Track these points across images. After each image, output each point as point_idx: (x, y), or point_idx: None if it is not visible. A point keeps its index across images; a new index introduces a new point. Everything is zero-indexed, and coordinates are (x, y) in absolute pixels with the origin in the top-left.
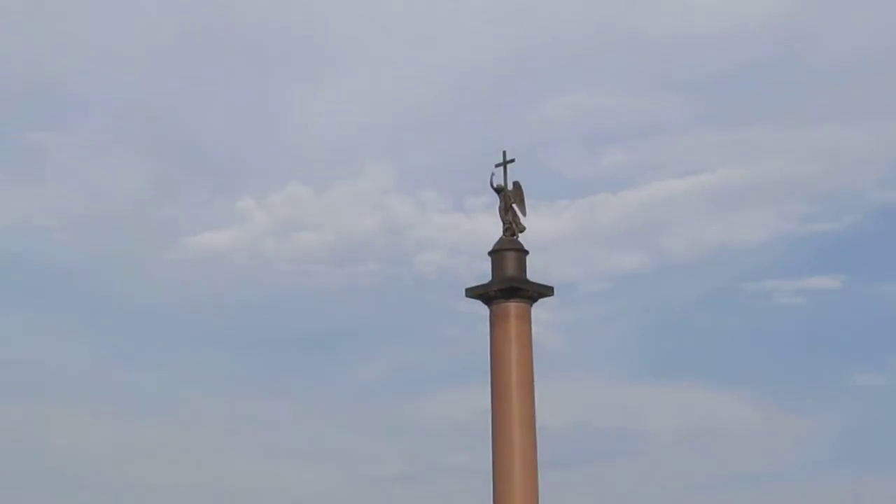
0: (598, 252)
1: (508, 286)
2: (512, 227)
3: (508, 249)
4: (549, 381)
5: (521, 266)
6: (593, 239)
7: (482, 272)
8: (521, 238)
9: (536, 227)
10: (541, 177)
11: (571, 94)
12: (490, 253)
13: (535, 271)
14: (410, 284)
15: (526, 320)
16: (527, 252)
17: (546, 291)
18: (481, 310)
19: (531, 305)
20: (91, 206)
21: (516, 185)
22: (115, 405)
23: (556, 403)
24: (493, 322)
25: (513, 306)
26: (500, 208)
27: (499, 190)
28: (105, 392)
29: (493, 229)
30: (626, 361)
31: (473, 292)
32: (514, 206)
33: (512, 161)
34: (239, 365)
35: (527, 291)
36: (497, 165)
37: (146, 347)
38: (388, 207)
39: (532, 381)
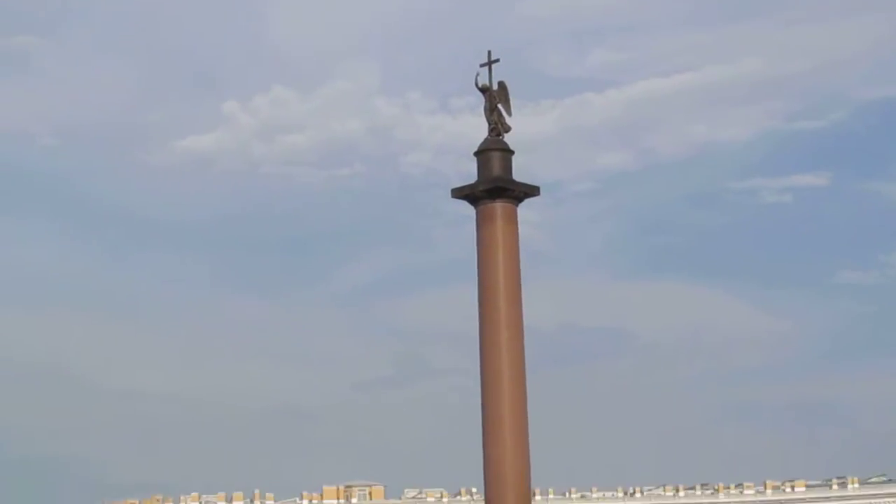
0: (584, 152)
1: (494, 186)
2: (497, 127)
3: (494, 150)
4: (536, 281)
5: (507, 166)
6: (579, 139)
7: (468, 173)
8: (507, 138)
9: (522, 127)
10: (526, 77)
11: None
12: (476, 153)
13: (522, 171)
14: (396, 186)
15: (512, 220)
16: (512, 152)
17: (532, 191)
18: (468, 210)
19: (517, 205)
20: (77, 111)
21: (501, 85)
22: (100, 307)
23: (543, 304)
24: (480, 223)
25: (499, 206)
26: (485, 108)
27: (484, 90)
28: (90, 294)
29: (479, 130)
30: (613, 261)
31: (459, 193)
32: (500, 106)
33: (496, 61)
34: (224, 267)
35: (513, 191)
36: (482, 65)
37: (131, 250)
38: (374, 109)
39: (519, 282)
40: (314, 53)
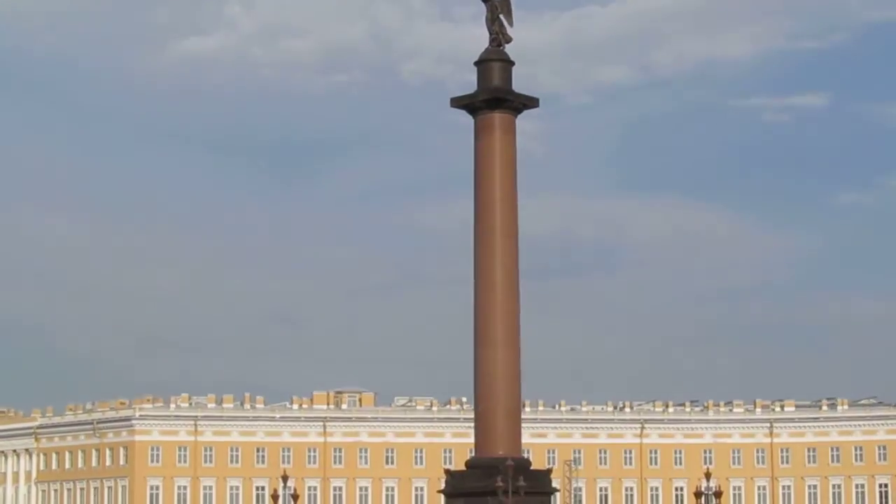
0: (584, 65)
1: (493, 96)
2: (498, 37)
3: (494, 60)
4: (532, 192)
5: (507, 77)
6: (579, 51)
7: (468, 83)
8: (508, 49)
9: (523, 38)
10: None
11: None
12: (476, 63)
13: (521, 83)
14: (396, 93)
15: (510, 132)
16: (512, 63)
17: (531, 103)
18: (466, 120)
19: (516, 116)
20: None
21: None
22: (96, 206)
23: (538, 214)
24: (478, 133)
25: (497, 117)
26: (486, 18)
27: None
28: (86, 193)
29: (480, 40)
30: (609, 174)
31: (459, 102)
32: (501, 16)
33: None
34: (222, 171)
35: (512, 102)
36: None
37: (128, 149)
38: (375, 15)
39: (515, 193)
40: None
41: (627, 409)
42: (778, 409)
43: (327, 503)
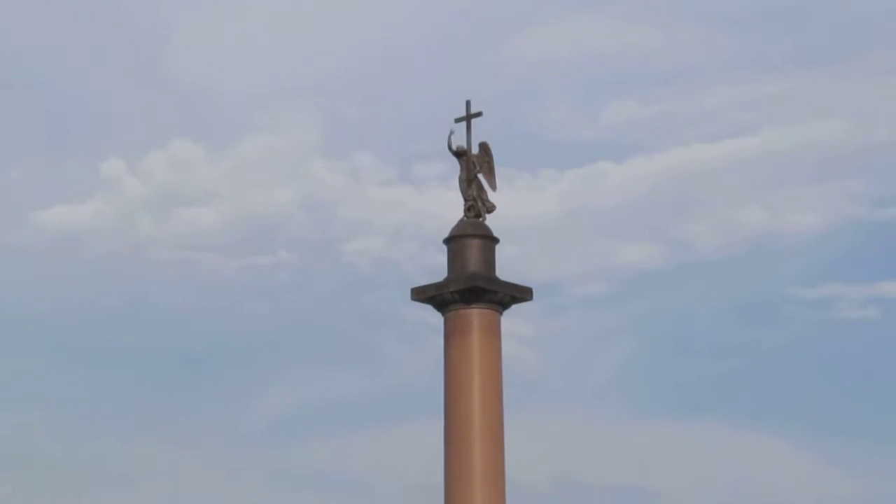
0: (596, 242)
1: (471, 286)
2: (476, 205)
3: (472, 236)
4: (524, 419)
5: (489, 259)
6: (590, 224)
7: (435, 267)
8: (490, 221)
9: (511, 206)
10: (518, 138)
11: (564, 20)
12: (446, 240)
13: (509, 267)
14: (337, 282)
15: (494, 334)
16: (496, 240)
17: (523, 295)
18: (433, 318)
19: (501, 313)
20: None
21: (484, 147)
22: None
23: (533, 450)
24: (450, 336)
25: (476, 314)
26: (461, 179)
27: (459, 154)
28: None
29: (452, 208)
30: (630, 393)
31: (422, 294)
32: (481, 176)
33: (478, 115)
34: (99, 391)
35: (496, 294)
36: (458, 120)
37: None
38: (309, 176)
39: (501, 419)
40: (232, 98)
41: None
42: None
43: None
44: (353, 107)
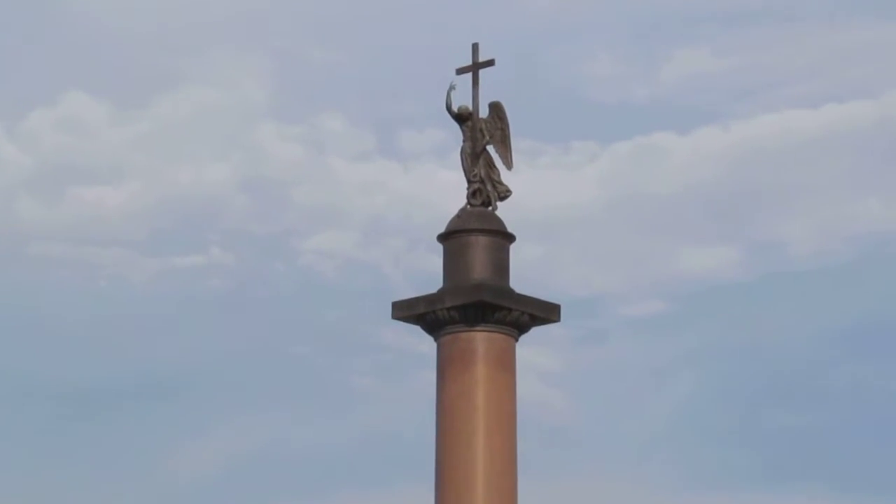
0: (649, 243)
1: (475, 301)
2: (485, 188)
3: (478, 232)
4: (545, 484)
5: (501, 264)
6: (640, 218)
7: (427, 273)
8: (503, 210)
9: (533, 191)
10: (544, 97)
11: None
12: (443, 237)
13: (528, 275)
14: (291, 292)
15: (506, 367)
16: (512, 238)
17: (546, 314)
18: (422, 344)
19: (517, 339)
20: None
21: (496, 109)
22: None
23: None
24: (445, 369)
25: (482, 340)
26: (463, 153)
27: (462, 118)
28: None
29: (451, 193)
30: (690, 452)
31: (408, 311)
32: (491, 149)
33: (489, 63)
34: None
35: (510, 312)
36: (460, 71)
37: None
38: (255, 145)
39: (514, 484)
40: (146, 38)
41: None
42: None
43: None
44: (315, 50)
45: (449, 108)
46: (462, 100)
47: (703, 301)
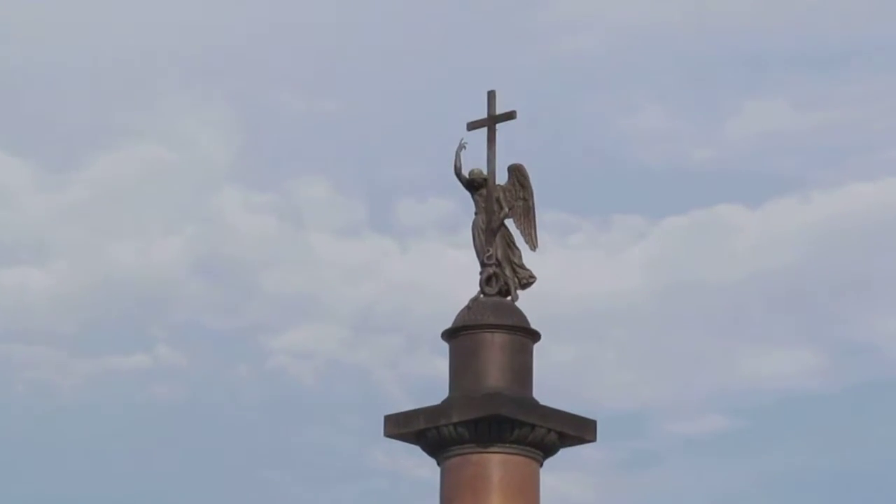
0: (710, 341)
1: (489, 414)
2: (503, 273)
3: (493, 328)
4: None
5: (523, 368)
6: (700, 311)
7: (427, 379)
8: (525, 301)
9: (562, 277)
10: (576, 159)
11: None
12: (449, 334)
13: (556, 383)
14: (258, 403)
15: (528, 500)
16: (537, 335)
17: (579, 432)
18: (423, 468)
19: (542, 463)
20: None
21: (517, 174)
22: None
23: None
24: (451, 499)
25: (498, 464)
26: (475, 228)
27: (474, 184)
28: None
29: (459, 278)
30: None
31: (406, 427)
32: (511, 223)
33: (510, 116)
34: None
35: (533, 430)
36: (472, 127)
37: None
38: (214, 216)
39: None
40: (81, 85)
41: None
42: None
43: None
44: (291, 97)
45: (458, 172)
46: (475, 162)
47: (776, 417)
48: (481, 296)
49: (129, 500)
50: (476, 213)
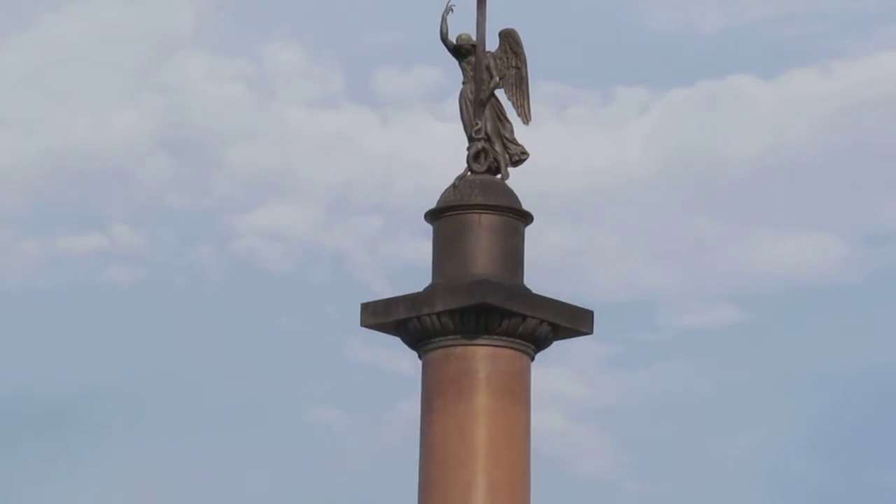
0: (718, 227)
1: (476, 303)
2: (490, 148)
3: (481, 208)
4: None
5: (513, 253)
6: (705, 192)
7: (410, 263)
8: (517, 179)
9: (558, 153)
10: (574, 22)
11: None
12: (432, 215)
13: (550, 268)
14: (224, 287)
15: (518, 396)
16: (529, 217)
17: (574, 323)
18: (403, 361)
19: (534, 357)
20: None
21: (509, 39)
22: None
23: None
24: (433, 396)
25: (485, 358)
26: (463, 99)
27: (461, 51)
28: None
29: (444, 154)
30: None
31: (383, 316)
32: (502, 93)
33: None
34: None
35: (524, 320)
36: None
37: None
38: (176, 85)
39: None
40: None
41: None
42: None
43: None
44: None
45: (444, 38)
46: (463, 27)
47: (792, 308)
48: (468, 173)
49: (77, 391)
50: (464, 83)
